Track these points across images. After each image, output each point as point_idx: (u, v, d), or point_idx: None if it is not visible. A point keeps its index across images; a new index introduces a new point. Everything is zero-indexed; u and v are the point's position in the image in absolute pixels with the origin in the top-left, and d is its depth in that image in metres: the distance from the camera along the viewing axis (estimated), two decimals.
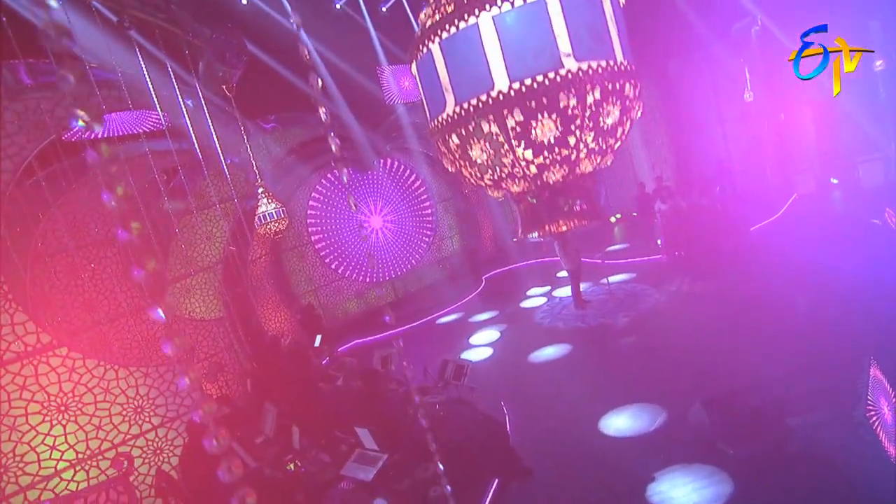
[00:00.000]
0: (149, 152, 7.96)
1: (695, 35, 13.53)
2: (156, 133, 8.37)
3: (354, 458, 4.23)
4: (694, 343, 6.68)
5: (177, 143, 8.48)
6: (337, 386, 6.44)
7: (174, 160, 8.40)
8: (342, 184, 13.32)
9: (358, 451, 4.30)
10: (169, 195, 9.34)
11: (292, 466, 4.27)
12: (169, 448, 5.37)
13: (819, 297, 6.75)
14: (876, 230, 8.71)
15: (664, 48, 14.26)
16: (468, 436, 5.11)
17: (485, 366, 7.98)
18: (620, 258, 11.78)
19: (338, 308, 13.15)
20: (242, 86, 10.93)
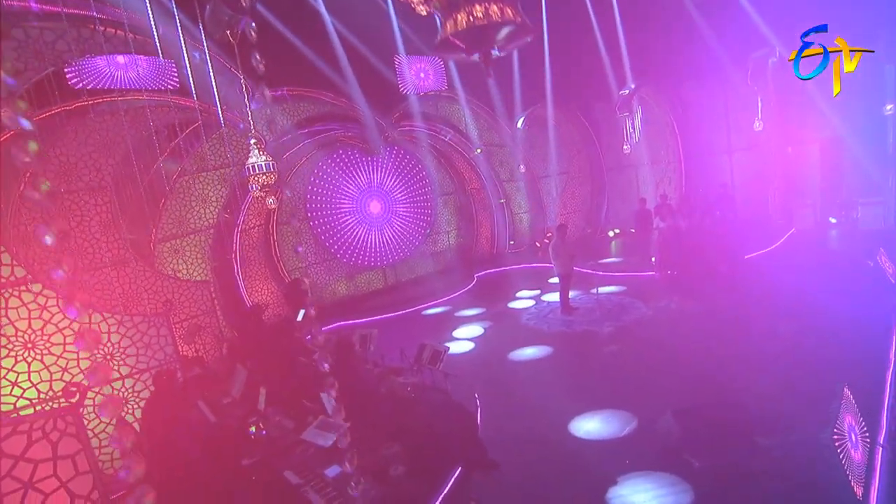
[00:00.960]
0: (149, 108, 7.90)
1: (713, 59, 13.58)
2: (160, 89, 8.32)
3: (316, 424, 4.18)
4: (674, 357, 6.68)
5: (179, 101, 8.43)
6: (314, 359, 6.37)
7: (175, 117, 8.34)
8: (347, 165, 13.27)
9: (321, 417, 4.26)
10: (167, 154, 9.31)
11: (254, 429, 4.22)
12: (135, 400, 5.30)
13: (802, 326, 6.78)
14: (868, 271, 8.73)
15: (682, 70, 14.32)
16: (437, 421, 5.07)
17: (464, 359, 7.94)
18: (613, 271, 11.77)
19: (326, 288, 13.09)
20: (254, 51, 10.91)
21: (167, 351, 5.58)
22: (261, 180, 4.70)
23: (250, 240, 11.61)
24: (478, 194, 15.94)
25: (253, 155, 4.69)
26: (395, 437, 4.70)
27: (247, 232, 11.45)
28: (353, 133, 12.62)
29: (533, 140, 15.89)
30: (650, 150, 15.74)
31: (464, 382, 6.55)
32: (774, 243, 11.87)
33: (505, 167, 15.70)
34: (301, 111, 11.32)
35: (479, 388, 6.39)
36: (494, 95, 14.94)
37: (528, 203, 16.09)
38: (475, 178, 15.73)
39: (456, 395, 5.89)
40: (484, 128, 15.18)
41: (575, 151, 16.36)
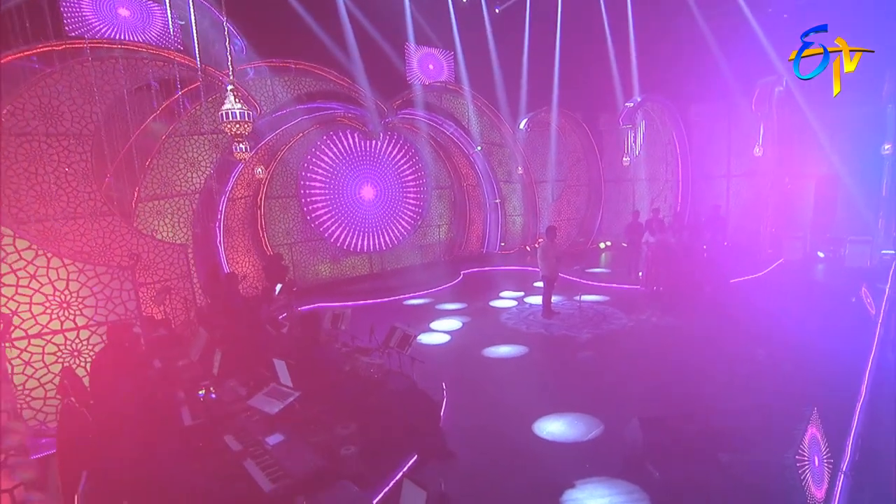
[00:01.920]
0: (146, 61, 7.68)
1: (721, 82, 13.63)
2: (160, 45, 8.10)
3: (266, 391, 4.02)
4: (647, 368, 6.61)
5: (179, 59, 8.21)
6: (282, 333, 6.22)
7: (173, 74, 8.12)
8: (344, 146, 13.08)
9: (272, 385, 4.10)
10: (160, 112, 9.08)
11: (203, 392, 4.05)
12: (88, 352, 5.10)
13: (778, 351, 6.74)
14: (850, 306, 8.74)
15: (689, 90, 14.34)
16: (399, 406, 4.93)
17: (438, 350, 7.82)
18: (599, 280, 11.71)
19: (309, 268, 12.90)
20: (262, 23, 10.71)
21: (129, 307, 5.38)
22: (234, 129, 4.52)
23: (237, 210, 11.40)
24: (473, 192, 15.83)
25: (228, 102, 4.49)
26: (353, 416, 4.56)
27: (234, 201, 11.23)
28: (353, 114, 12.45)
29: (534, 144, 15.81)
30: (649, 167, 15.75)
31: (432, 372, 6.43)
32: (762, 271, 11.88)
33: (503, 167, 15.59)
34: (302, 86, 11.12)
35: (447, 379, 6.25)
36: (500, 94, 14.87)
37: (523, 206, 15.99)
38: (472, 175, 15.62)
39: (422, 383, 5.75)
40: (486, 125, 15.06)
41: (575, 160, 16.30)
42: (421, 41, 13.74)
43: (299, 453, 3.15)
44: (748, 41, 13.34)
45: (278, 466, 2.95)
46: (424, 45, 13.84)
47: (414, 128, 14.40)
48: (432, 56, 14.02)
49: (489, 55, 14.95)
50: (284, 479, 2.80)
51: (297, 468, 2.92)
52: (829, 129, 12.58)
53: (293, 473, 2.87)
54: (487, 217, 16.02)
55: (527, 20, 15.32)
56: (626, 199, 16.34)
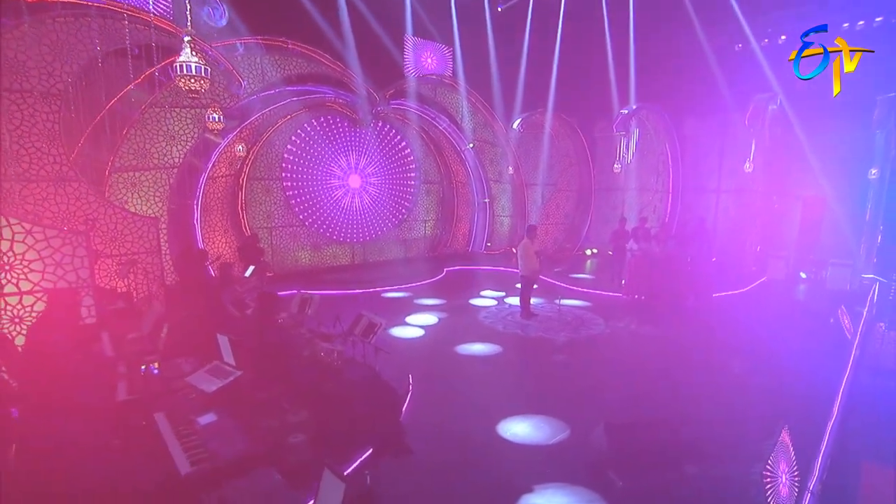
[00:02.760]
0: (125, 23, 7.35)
1: (718, 98, 13.62)
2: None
3: (208, 368, 3.77)
4: (621, 374, 6.46)
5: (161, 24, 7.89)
6: (245, 314, 5.94)
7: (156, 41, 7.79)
8: (332, 132, 12.80)
9: (215, 362, 3.85)
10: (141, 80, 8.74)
11: (145, 367, 3.79)
12: (31, 319, 4.79)
13: (754, 365, 6.63)
14: (828, 327, 8.70)
15: (685, 103, 14.32)
16: (359, 397, 4.70)
17: (410, 343, 7.60)
18: (582, 286, 11.59)
19: (289, 254, 12.59)
20: None
21: (81, 274, 5.08)
22: (189, 84, 4.24)
23: (216, 189, 11.07)
24: (462, 189, 15.64)
25: (184, 54, 4.17)
26: (307, 404, 4.32)
27: (214, 180, 10.91)
28: (344, 100, 12.18)
29: (526, 145, 15.68)
30: (641, 177, 15.70)
31: (400, 364, 6.21)
32: (744, 287, 11.86)
33: (494, 166, 15.43)
34: (293, 66, 10.83)
35: (416, 373, 6.04)
36: (496, 92, 14.70)
37: (512, 208, 15.84)
38: (462, 173, 15.43)
39: (387, 374, 5.53)
40: (480, 123, 14.89)
41: (567, 165, 16.19)
42: (420, 34, 13.54)
43: (230, 436, 2.91)
44: (746, 58, 13.38)
45: (204, 448, 2.71)
46: (424, 39, 13.64)
47: (406, 119, 14.17)
48: (431, 49, 13.82)
49: (488, 52, 14.79)
50: (206, 463, 2.56)
51: (223, 451, 2.68)
52: (818, 151, 12.64)
53: (218, 456, 2.63)
54: (475, 216, 15.84)
55: (528, 21, 15.20)
56: (616, 207, 16.27)
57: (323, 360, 4.64)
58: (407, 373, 5.95)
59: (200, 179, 10.39)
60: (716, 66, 13.41)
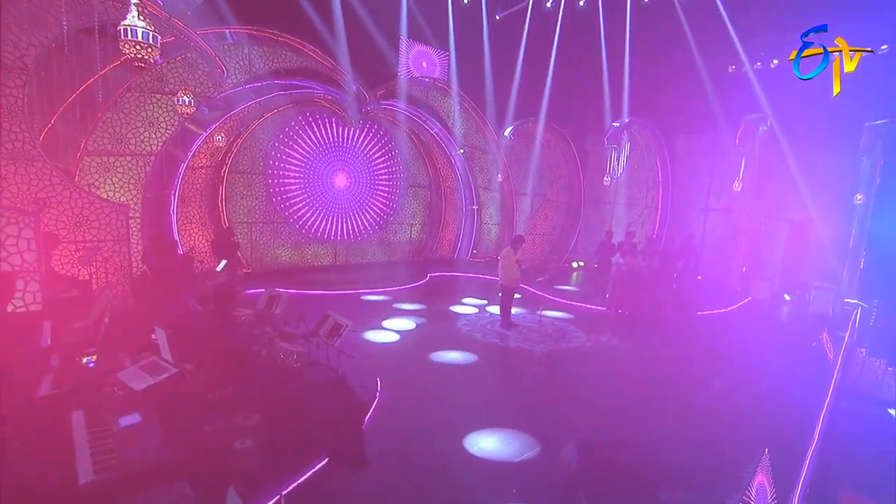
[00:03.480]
0: None
1: (710, 117, 13.67)
2: None
3: (142, 364, 3.47)
4: (599, 390, 6.25)
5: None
6: (208, 309, 5.63)
7: None
8: (319, 129, 12.55)
9: (153, 357, 3.55)
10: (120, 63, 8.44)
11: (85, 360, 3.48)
12: None
13: (735, 386, 6.46)
14: (810, 351, 8.59)
15: (677, 120, 14.35)
16: (317, 401, 4.41)
17: (384, 348, 7.31)
18: (565, 298, 11.40)
19: (268, 251, 12.25)
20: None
21: (27, 258, 4.74)
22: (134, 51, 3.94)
23: (196, 180, 10.73)
24: (451, 194, 15.45)
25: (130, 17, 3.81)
26: (260, 407, 4.03)
27: (194, 170, 10.58)
28: (333, 97, 11.95)
29: (517, 154, 15.58)
30: (630, 192, 15.67)
31: (369, 369, 5.92)
32: (729, 307, 11.76)
33: (484, 174, 15.28)
34: (282, 59, 10.58)
35: (385, 379, 5.76)
36: (489, 98, 14.59)
37: (500, 216, 15.68)
38: (452, 178, 15.25)
39: (355, 380, 5.25)
40: (471, 129, 14.76)
41: (557, 176, 16.11)
42: (415, 36, 13.42)
43: (150, 442, 2.62)
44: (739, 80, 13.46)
45: (115, 454, 2.42)
46: (419, 42, 13.52)
47: (396, 121, 13.98)
48: (426, 53, 13.70)
49: (483, 59, 14.71)
50: (112, 472, 2.27)
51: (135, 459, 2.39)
52: (806, 175, 12.69)
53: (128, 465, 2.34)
54: (462, 222, 15.65)
55: (525, 30, 15.18)
56: (605, 221, 16.18)
57: (280, 360, 4.35)
58: (374, 377, 5.68)
59: (179, 169, 10.05)
60: (709, 85, 13.49)
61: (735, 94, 13.22)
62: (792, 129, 12.45)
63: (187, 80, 9.28)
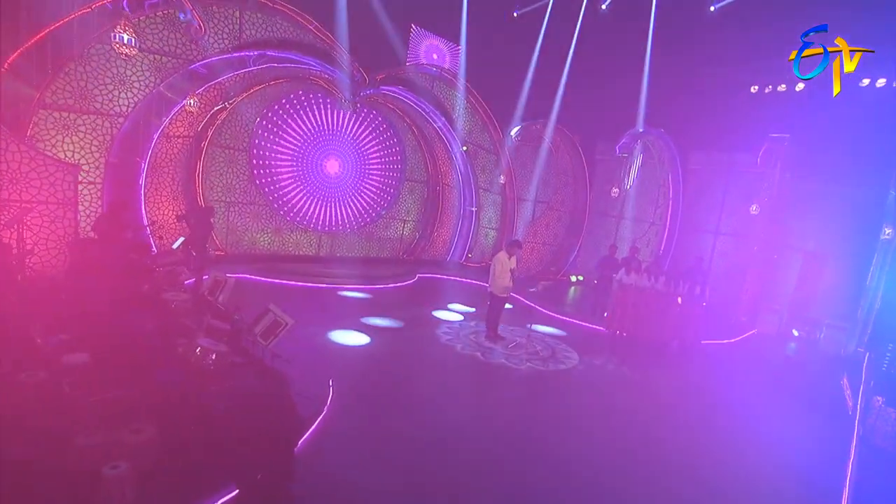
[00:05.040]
0: None
1: (727, 135, 12.91)
2: None
3: None
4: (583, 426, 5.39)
5: None
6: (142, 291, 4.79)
7: None
8: (313, 109, 11.74)
9: None
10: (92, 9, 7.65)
11: None
12: None
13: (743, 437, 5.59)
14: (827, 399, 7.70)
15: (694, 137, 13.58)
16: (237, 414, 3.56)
17: (348, 352, 6.46)
18: (560, 312, 10.56)
19: (246, 235, 11.41)
20: None
21: None
22: None
23: (171, 149, 9.92)
24: (449, 193, 14.62)
25: None
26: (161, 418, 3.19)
27: (169, 139, 9.76)
28: (330, 77, 11.14)
29: (523, 157, 14.78)
30: (639, 207, 14.86)
31: (321, 376, 5.08)
32: (733, 338, 10.94)
33: (486, 174, 14.46)
34: (275, 29, 9.76)
35: (339, 389, 4.93)
36: (497, 96, 13.79)
37: (499, 221, 14.84)
38: (452, 176, 14.43)
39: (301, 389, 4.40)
40: (477, 126, 13.96)
41: (562, 183, 15.29)
42: (423, 23, 12.66)
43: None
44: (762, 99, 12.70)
45: None
46: (431, 33, 12.77)
47: (397, 110, 13.19)
48: (437, 46, 12.95)
49: (495, 55, 13.92)
50: None
51: None
52: (826, 204, 11.89)
53: None
54: (459, 223, 14.80)
55: (542, 30, 14.43)
56: (609, 235, 15.35)
57: (196, 360, 3.51)
58: (329, 388, 4.84)
59: (153, 136, 9.24)
60: (731, 102, 12.76)
61: (757, 114, 12.45)
62: (815, 154, 11.68)
63: (168, 39, 8.51)
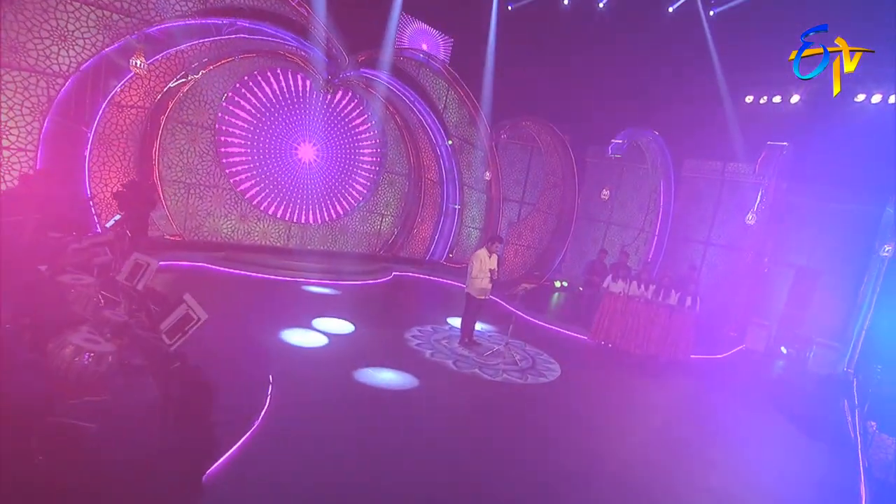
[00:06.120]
0: None
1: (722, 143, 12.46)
2: None
3: None
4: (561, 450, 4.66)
5: None
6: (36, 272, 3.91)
7: None
8: (288, 88, 10.86)
9: None
10: None
11: None
12: None
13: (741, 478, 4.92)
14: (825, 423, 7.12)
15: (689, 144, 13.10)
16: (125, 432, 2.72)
17: (298, 354, 5.63)
18: (542, 319, 9.88)
19: (207, 220, 10.45)
20: None
21: None
22: None
23: (124, 119, 8.94)
24: (432, 189, 13.85)
25: None
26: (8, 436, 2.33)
27: (121, 108, 8.80)
28: (306, 55, 10.30)
29: (510, 156, 14.14)
30: (628, 214, 14.32)
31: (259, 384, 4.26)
32: (721, 353, 10.39)
33: (471, 171, 13.74)
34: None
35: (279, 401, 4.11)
36: (486, 89, 13.09)
37: (484, 220, 14.14)
38: (435, 171, 13.68)
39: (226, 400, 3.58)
40: (464, 119, 13.26)
41: (551, 185, 14.66)
42: (412, 10, 11.91)
43: None
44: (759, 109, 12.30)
45: None
46: (421, 21, 12.04)
47: (380, 96, 12.36)
48: (425, 33, 12.21)
49: (486, 47, 13.24)
50: None
51: None
52: (820, 219, 11.50)
53: None
54: (441, 221, 14.05)
55: (537, 25, 13.86)
56: (596, 241, 14.77)
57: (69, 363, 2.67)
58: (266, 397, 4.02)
59: (100, 103, 8.27)
60: (727, 112, 12.32)
61: (752, 125, 12.05)
62: (810, 167, 11.29)
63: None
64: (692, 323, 8.64)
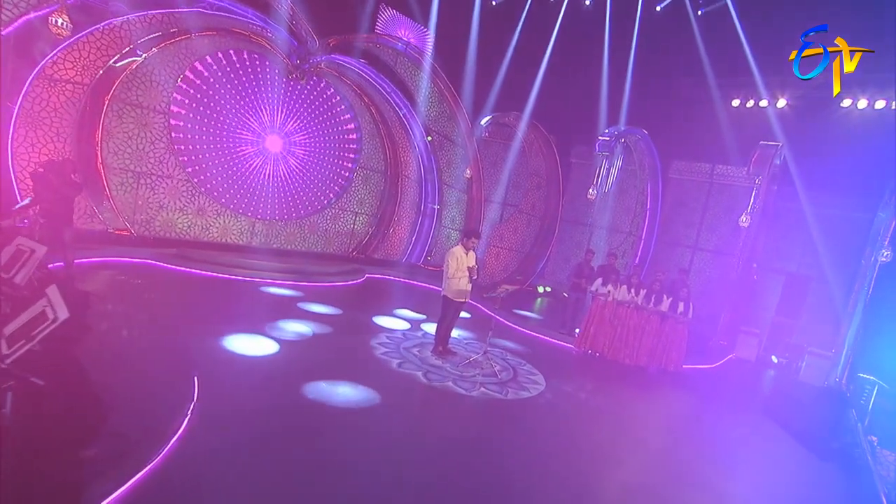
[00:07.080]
0: None
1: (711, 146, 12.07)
2: None
3: None
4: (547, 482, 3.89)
5: None
6: None
7: None
8: (253, 73, 9.97)
9: None
10: None
11: None
12: None
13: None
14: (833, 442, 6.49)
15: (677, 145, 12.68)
16: None
17: (242, 364, 4.75)
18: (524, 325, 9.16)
19: (159, 214, 9.44)
20: None
21: None
22: None
23: (57, 97, 7.93)
24: (410, 187, 13.07)
25: None
26: None
27: (53, 83, 7.81)
28: (273, 36, 9.45)
29: (493, 155, 13.50)
30: (614, 216, 13.78)
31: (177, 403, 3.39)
32: (711, 363, 9.83)
33: (451, 170, 13.04)
34: None
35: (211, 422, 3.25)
36: (467, 83, 12.43)
37: (464, 221, 13.41)
38: (413, 168, 12.93)
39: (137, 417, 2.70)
40: (444, 115, 12.58)
41: (535, 185, 14.06)
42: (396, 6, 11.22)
43: None
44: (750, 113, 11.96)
45: None
46: (399, 12, 11.34)
47: (355, 86, 11.59)
48: (406, 23, 11.49)
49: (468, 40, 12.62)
50: None
51: None
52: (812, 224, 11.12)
53: None
54: (419, 221, 13.29)
55: (522, 19, 13.33)
56: (581, 245, 14.17)
57: None
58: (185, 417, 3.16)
59: (27, 76, 7.28)
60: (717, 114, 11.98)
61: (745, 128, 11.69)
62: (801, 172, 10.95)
63: None
64: (685, 331, 8.03)
